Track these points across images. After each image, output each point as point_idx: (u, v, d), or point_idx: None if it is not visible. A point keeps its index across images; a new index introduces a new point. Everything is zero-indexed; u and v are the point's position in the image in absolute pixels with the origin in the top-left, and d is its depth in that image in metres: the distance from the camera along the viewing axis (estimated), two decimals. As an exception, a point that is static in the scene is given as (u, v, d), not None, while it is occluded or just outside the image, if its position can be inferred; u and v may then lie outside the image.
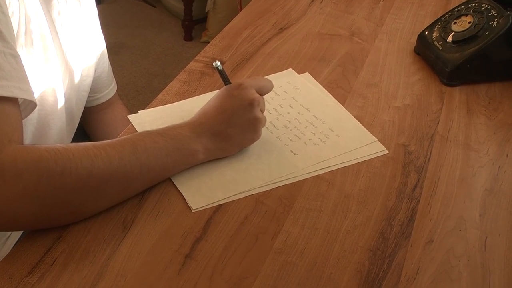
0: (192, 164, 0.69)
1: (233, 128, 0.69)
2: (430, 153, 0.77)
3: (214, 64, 0.69)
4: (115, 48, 2.73)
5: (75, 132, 0.96)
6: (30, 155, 0.56)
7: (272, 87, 0.74)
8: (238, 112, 0.69)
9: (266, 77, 0.88)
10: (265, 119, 0.72)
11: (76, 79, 0.88)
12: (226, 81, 0.71)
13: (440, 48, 0.93)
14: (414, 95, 0.89)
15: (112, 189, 0.62)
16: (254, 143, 0.73)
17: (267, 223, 0.64)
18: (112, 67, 1.03)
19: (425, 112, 0.85)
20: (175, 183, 0.68)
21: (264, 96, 0.73)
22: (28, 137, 0.78)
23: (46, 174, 0.56)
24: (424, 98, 0.88)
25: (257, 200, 0.67)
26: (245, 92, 0.69)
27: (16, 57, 0.62)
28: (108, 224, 0.62)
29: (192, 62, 0.94)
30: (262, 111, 0.72)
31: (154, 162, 0.64)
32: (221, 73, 0.71)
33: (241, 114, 0.69)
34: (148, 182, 0.66)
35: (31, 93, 0.64)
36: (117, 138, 0.64)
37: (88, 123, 1.03)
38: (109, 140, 0.63)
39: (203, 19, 2.86)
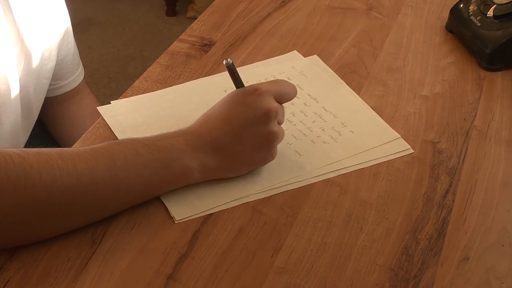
0: (184, 184, 0.67)
1: (241, 143, 0.67)
2: (465, 152, 0.77)
3: (224, 62, 0.68)
4: (82, 25, 2.74)
5: (33, 128, 0.96)
6: None
7: (296, 94, 0.72)
8: (249, 123, 0.67)
9: (265, 61, 0.87)
10: (283, 134, 0.70)
11: (35, 63, 0.88)
12: (239, 83, 0.70)
13: (479, 25, 0.93)
14: (445, 82, 0.89)
15: (79, 211, 0.61)
16: None
17: (266, 237, 0.64)
18: (78, 48, 1.04)
19: (459, 103, 0.85)
20: (154, 188, 0.68)
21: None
22: (-25, 134, 0.78)
23: None
24: (458, 85, 0.88)
25: (254, 209, 0.67)
26: (261, 100, 0.67)
27: None
28: (74, 238, 0.62)
29: (175, 42, 0.94)
30: (280, 123, 0.69)
31: (135, 181, 0.63)
32: (232, 73, 0.69)
33: (253, 127, 0.67)
34: (126, 204, 0.65)
35: None
36: (91, 146, 0.63)
37: (49, 117, 1.04)
38: (80, 148, 0.62)
39: (190, -10, 2.87)
